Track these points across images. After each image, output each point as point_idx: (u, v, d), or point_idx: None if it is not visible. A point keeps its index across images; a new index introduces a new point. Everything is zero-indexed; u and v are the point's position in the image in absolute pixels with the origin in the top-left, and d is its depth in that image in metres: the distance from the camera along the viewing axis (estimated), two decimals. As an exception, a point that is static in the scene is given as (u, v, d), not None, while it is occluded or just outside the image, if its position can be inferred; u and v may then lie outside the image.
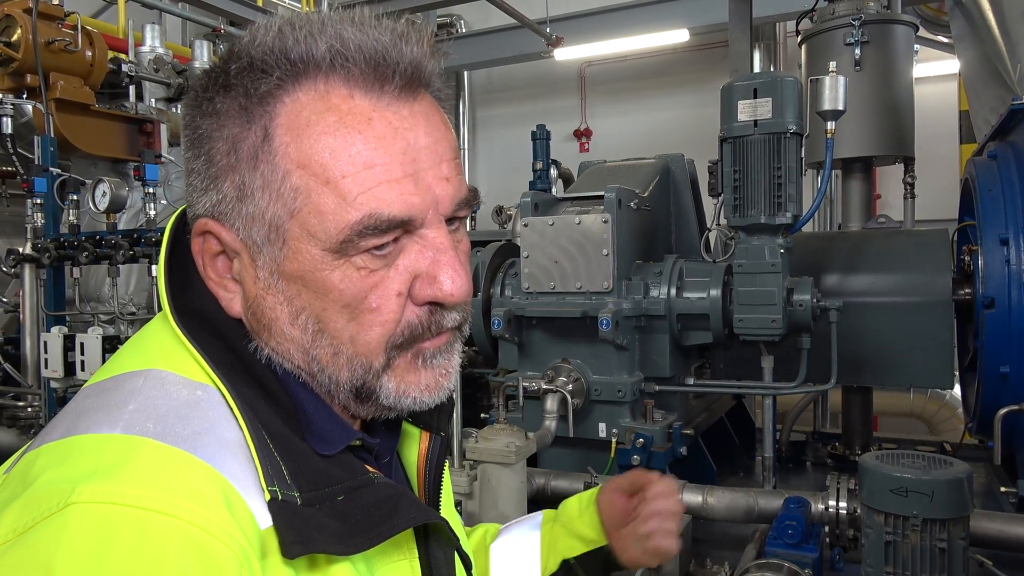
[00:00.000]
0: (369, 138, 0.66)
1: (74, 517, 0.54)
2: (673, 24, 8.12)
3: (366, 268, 0.67)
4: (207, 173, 0.70)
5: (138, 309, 4.33)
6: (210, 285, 0.73)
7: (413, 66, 0.68)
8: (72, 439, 0.62)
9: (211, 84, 0.69)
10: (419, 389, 0.73)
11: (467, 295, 0.71)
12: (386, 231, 0.66)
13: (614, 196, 3.28)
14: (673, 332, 3.38)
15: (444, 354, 0.74)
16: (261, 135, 0.67)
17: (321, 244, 0.66)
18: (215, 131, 0.68)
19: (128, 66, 4.60)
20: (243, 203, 0.68)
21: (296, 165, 0.66)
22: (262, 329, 0.71)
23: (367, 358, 0.70)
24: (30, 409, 4.08)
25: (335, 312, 0.68)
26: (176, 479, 0.58)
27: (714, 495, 2.89)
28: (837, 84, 3.04)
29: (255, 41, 0.67)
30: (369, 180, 0.65)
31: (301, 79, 0.66)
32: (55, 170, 4.00)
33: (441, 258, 0.69)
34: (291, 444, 0.67)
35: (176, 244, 0.76)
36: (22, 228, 4.21)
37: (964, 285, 3.41)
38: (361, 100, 0.67)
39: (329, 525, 0.63)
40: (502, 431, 2.75)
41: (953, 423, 6.87)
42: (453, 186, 0.71)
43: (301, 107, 0.66)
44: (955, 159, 6.23)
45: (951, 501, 2.14)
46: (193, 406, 0.65)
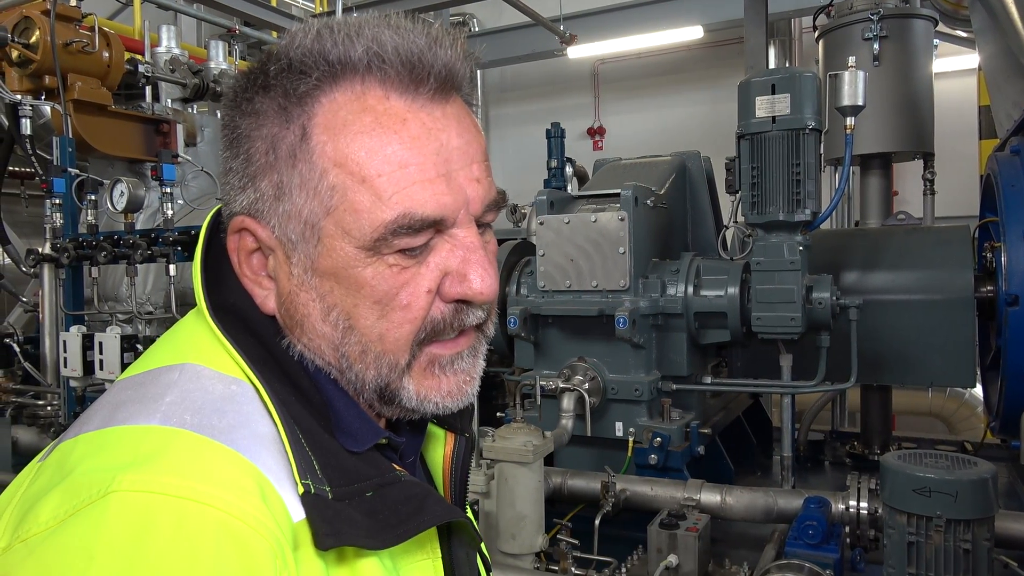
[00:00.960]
0: (404, 138, 0.67)
1: (114, 505, 0.56)
2: (687, 21, 8.08)
3: (398, 265, 0.69)
4: (245, 172, 0.71)
5: (155, 308, 4.35)
6: (245, 282, 0.74)
7: (447, 69, 0.69)
8: (110, 429, 0.63)
9: (250, 85, 0.71)
10: (440, 394, 0.74)
11: (495, 293, 0.72)
12: (419, 231, 0.68)
13: (631, 194, 3.26)
14: (690, 330, 3.36)
15: (467, 359, 0.75)
16: (299, 134, 0.68)
17: (355, 242, 0.68)
18: (254, 131, 0.70)
19: (144, 67, 4.62)
20: (280, 201, 0.70)
21: (333, 164, 0.67)
22: (295, 326, 0.73)
23: (394, 355, 0.71)
24: (49, 408, 4.11)
25: (366, 308, 0.69)
26: (213, 470, 0.60)
27: (733, 495, 2.87)
28: (856, 79, 3.01)
29: (294, 43, 0.69)
30: (403, 179, 0.67)
31: (339, 80, 0.68)
32: (73, 170, 4.03)
33: (471, 257, 0.71)
34: (321, 440, 0.68)
35: (211, 242, 0.78)
36: (41, 228, 4.25)
37: (986, 282, 3.36)
38: (396, 101, 0.68)
39: (359, 520, 0.64)
40: (519, 430, 2.74)
41: (972, 422, 6.79)
42: (484, 187, 0.72)
43: (338, 107, 0.68)
44: (974, 155, 6.15)
45: (976, 501, 2.11)
46: (228, 400, 0.66)
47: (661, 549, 2.60)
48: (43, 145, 4.35)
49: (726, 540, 3.07)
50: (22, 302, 5.01)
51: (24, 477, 0.67)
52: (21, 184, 6.62)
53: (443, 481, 0.88)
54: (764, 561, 2.64)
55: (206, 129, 5.07)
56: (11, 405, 4.22)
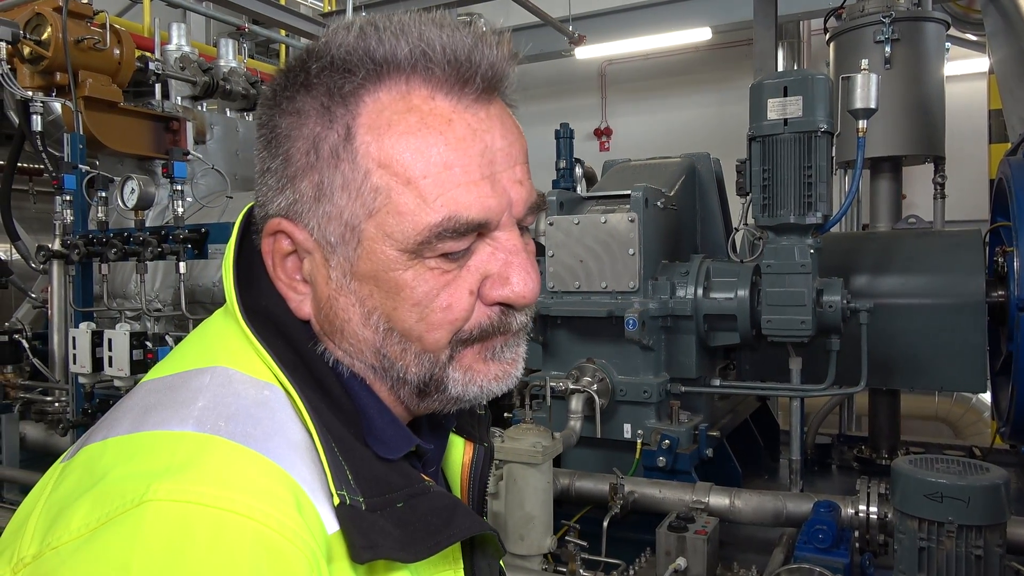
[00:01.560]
0: (449, 139, 0.66)
1: (150, 515, 0.54)
2: (696, 22, 8.07)
3: (439, 268, 0.68)
4: (284, 172, 0.69)
5: (164, 306, 4.36)
6: (279, 286, 0.73)
7: (493, 69, 0.69)
8: (142, 435, 0.62)
9: (291, 83, 0.69)
10: (487, 379, 0.73)
11: (536, 295, 0.71)
12: (464, 234, 0.67)
13: (641, 195, 3.25)
14: (700, 333, 3.35)
15: (512, 348, 0.74)
16: (343, 134, 0.66)
17: (397, 244, 0.66)
18: (294, 130, 0.68)
19: (155, 64, 4.62)
20: (320, 202, 0.68)
21: (377, 164, 0.66)
22: (334, 332, 0.71)
23: (434, 353, 0.70)
24: (57, 404, 4.11)
25: (406, 311, 0.68)
26: (250, 480, 0.58)
27: (741, 498, 2.86)
28: (869, 82, 3.00)
29: (336, 41, 0.67)
30: (449, 182, 0.66)
31: (383, 79, 0.67)
32: (84, 167, 4.04)
33: (513, 260, 0.70)
34: (353, 448, 0.66)
35: (243, 242, 0.76)
36: (49, 225, 4.25)
37: (997, 287, 3.35)
38: (442, 101, 0.67)
39: (392, 531, 0.63)
40: (528, 431, 2.74)
41: (979, 427, 6.77)
42: (526, 190, 0.71)
43: (383, 107, 0.66)
44: (983, 159, 6.12)
45: (988, 507, 2.10)
46: (262, 406, 0.65)
47: (670, 552, 2.59)
48: (53, 142, 4.36)
49: (734, 543, 3.06)
50: (30, 298, 5.02)
51: (47, 479, 0.65)
52: (30, 180, 6.64)
53: (461, 490, 0.87)
54: (773, 565, 2.63)
55: (215, 127, 5.08)
56: (19, 401, 4.23)
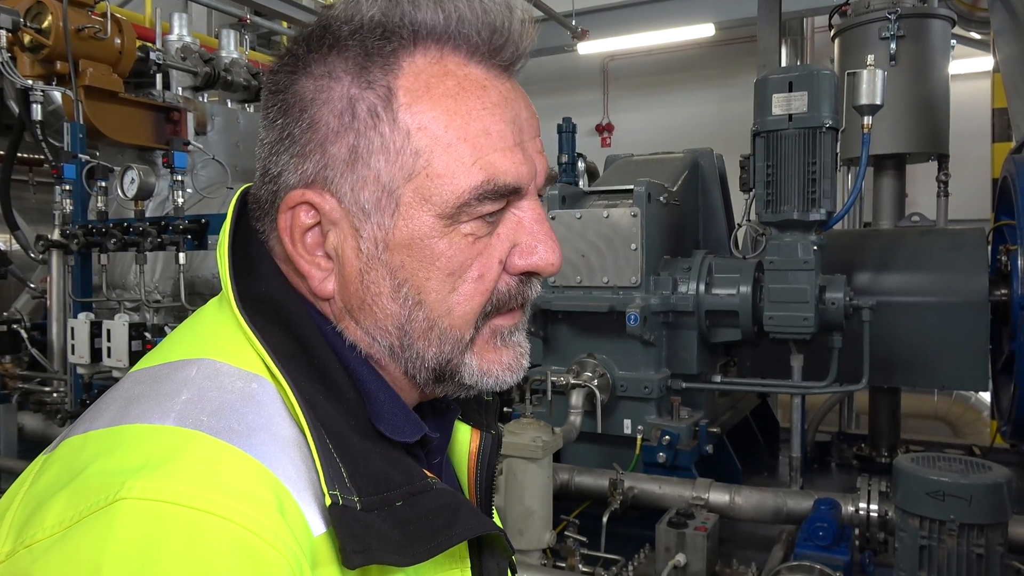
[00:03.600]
0: (487, 104, 0.66)
1: (123, 514, 0.52)
2: (699, 18, 8.05)
3: (473, 235, 0.67)
4: (311, 138, 0.67)
5: (163, 297, 4.34)
6: (300, 264, 0.69)
7: (521, 42, 0.69)
8: (122, 428, 0.59)
9: (316, 46, 0.67)
10: (501, 368, 0.72)
11: (560, 264, 0.72)
12: (501, 197, 0.67)
13: (644, 190, 3.24)
14: (701, 329, 3.34)
15: (518, 333, 0.73)
16: (383, 94, 0.65)
17: (435, 209, 0.66)
18: (323, 93, 0.66)
19: (156, 54, 4.58)
20: (355, 166, 0.66)
21: (417, 127, 0.65)
22: (360, 308, 0.69)
23: (460, 330, 0.69)
24: (56, 395, 4.10)
25: (439, 282, 0.67)
26: (229, 478, 0.56)
27: (742, 495, 2.86)
28: (875, 78, 2.98)
29: (365, 5, 0.66)
30: (487, 146, 0.66)
31: (419, 44, 0.66)
32: (84, 157, 4.02)
33: (538, 228, 0.70)
34: (351, 444, 0.63)
35: (238, 227, 0.73)
36: (48, 215, 4.23)
37: (1000, 285, 3.34)
38: (475, 68, 0.67)
39: (388, 533, 0.60)
40: (528, 425, 2.73)
41: (978, 426, 6.76)
42: (545, 160, 0.72)
43: (420, 70, 0.66)
44: (986, 158, 6.10)
45: (990, 506, 2.10)
46: (248, 400, 0.62)
47: (669, 548, 2.59)
48: (53, 132, 4.33)
49: (733, 540, 3.05)
50: (30, 288, 5.00)
51: (29, 472, 0.63)
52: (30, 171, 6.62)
53: (468, 480, 0.84)
54: (773, 562, 2.62)
55: (216, 118, 5.05)
56: (17, 391, 4.21)
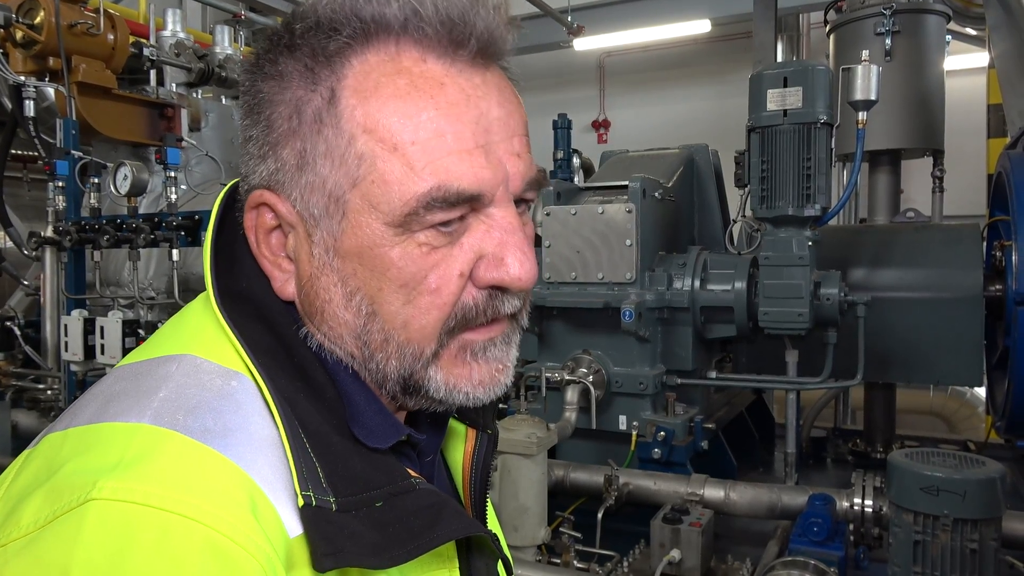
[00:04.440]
0: (441, 104, 0.62)
1: (93, 515, 0.52)
2: (695, 14, 8.04)
3: (428, 245, 0.63)
4: (266, 139, 0.65)
5: (157, 294, 4.33)
6: (263, 264, 0.69)
7: (489, 32, 0.64)
8: (99, 426, 0.59)
9: (274, 46, 0.65)
10: (471, 384, 0.67)
11: (533, 280, 0.66)
12: (454, 205, 0.62)
13: (639, 186, 3.23)
14: (696, 325, 3.34)
15: (500, 346, 0.69)
16: (327, 96, 0.63)
17: (383, 217, 0.62)
18: (277, 94, 0.65)
19: (149, 50, 4.57)
20: (303, 171, 0.64)
21: (362, 130, 0.62)
22: (314, 313, 0.67)
23: (419, 344, 0.65)
24: (50, 392, 4.09)
25: (391, 293, 0.64)
26: (201, 480, 0.55)
27: (736, 490, 2.86)
28: (870, 73, 2.97)
29: (323, 1, 0.63)
30: (439, 149, 0.61)
31: (371, 39, 0.62)
32: (77, 153, 4.00)
33: (509, 239, 0.65)
34: (329, 443, 0.62)
35: (224, 221, 0.72)
36: (43, 212, 4.22)
37: (995, 281, 3.34)
38: (434, 64, 0.63)
39: (365, 535, 0.58)
40: (523, 422, 2.73)
41: (973, 422, 6.78)
42: (524, 163, 0.66)
43: (370, 69, 0.62)
44: (981, 154, 6.10)
45: (984, 501, 2.10)
46: (226, 398, 0.61)
47: (664, 544, 2.59)
48: (46, 129, 4.31)
49: (728, 536, 3.05)
50: (23, 285, 4.98)
51: (13, 467, 0.63)
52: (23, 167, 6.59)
53: (463, 480, 0.82)
54: (767, 557, 2.62)
55: (210, 114, 5.03)
56: (11, 388, 4.20)
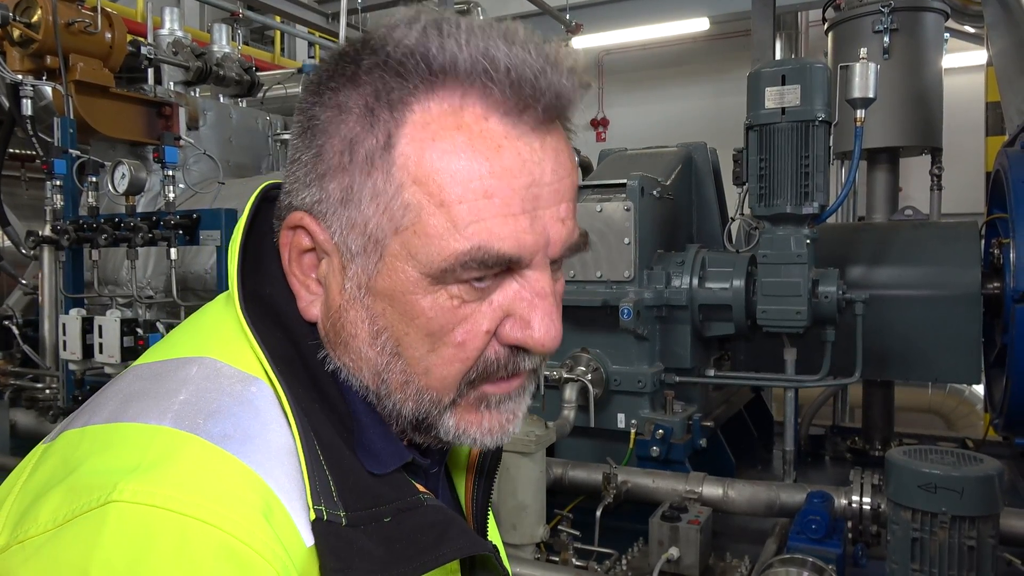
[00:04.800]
0: (496, 167, 0.61)
1: (113, 517, 0.53)
2: (694, 12, 8.03)
3: (459, 299, 0.63)
4: (314, 168, 0.65)
5: (155, 292, 4.32)
6: (292, 282, 0.69)
7: (559, 98, 0.63)
8: (119, 425, 0.60)
9: (338, 74, 0.64)
10: (481, 431, 0.68)
11: (556, 345, 0.66)
12: (491, 267, 0.62)
13: (637, 184, 3.23)
14: (695, 323, 3.34)
15: (515, 399, 0.69)
16: (383, 140, 0.62)
17: (420, 267, 0.62)
18: (331, 125, 0.64)
19: (147, 49, 4.56)
20: (346, 208, 0.64)
21: (412, 180, 0.61)
22: (339, 342, 0.68)
23: (438, 392, 0.66)
24: (48, 391, 4.09)
25: (417, 339, 0.64)
26: (220, 485, 0.56)
27: (735, 488, 2.86)
28: (868, 71, 2.98)
29: (395, 37, 0.62)
30: (485, 211, 0.61)
31: (436, 89, 0.61)
32: (75, 152, 3.99)
33: (539, 303, 0.65)
34: (342, 456, 0.63)
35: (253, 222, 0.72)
36: (40, 211, 4.21)
37: (993, 279, 3.34)
38: (495, 124, 0.61)
39: (373, 551, 0.60)
40: (522, 420, 2.72)
41: (972, 419, 6.79)
42: (567, 229, 0.66)
43: (431, 119, 0.61)
44: (980, 152, 6.12)
45: (981, 498, 2.10)
46: (246, 404, 0.62)
47: (662, 541, 2.59)
48: (44, 128, 4.30)
49: (726, 533, 3.06)
50: (21, 284, 4.97)
51: (28, 461, 0.64)
52: (21, 167, 6.58)
53: (466, 491, 0.83)
54: (766, 555, 2.63)
55: (208, 113, 5.03)
56: (9, 388, 4.20)
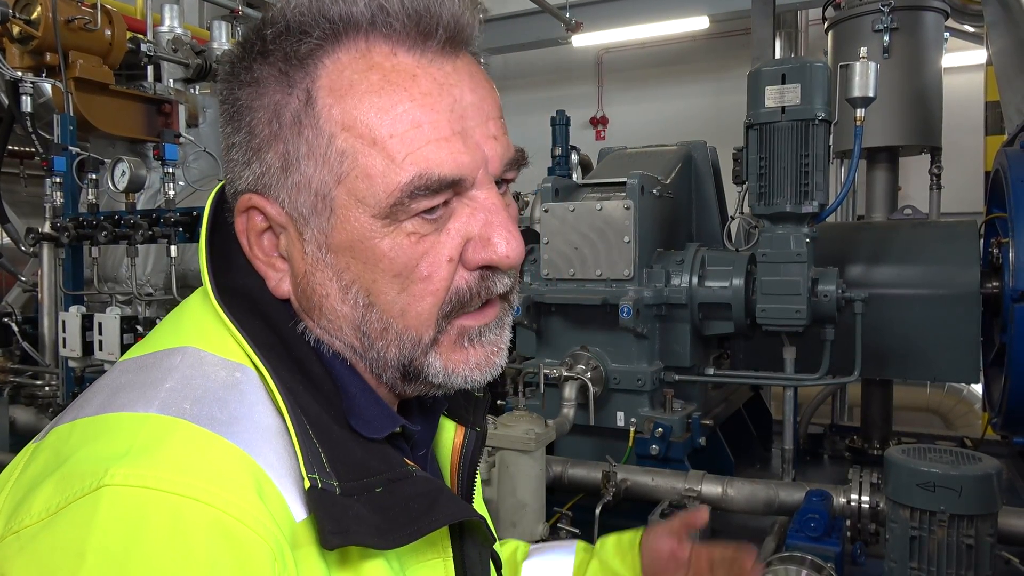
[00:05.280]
0: (415, 95, 0.63)
1: (106, 500, 0.53)
2: (693, 11, 8.05)
3: (416, 234, 0.65)
4: (249, 145, 0.67)
5: (155, 290, 4.33)
6: (257, 265, 0.70)
7: (455, 21, 0.65)
8: (107, 416, 0.61)
9: (247, 53, 0.67)
10: (468, 367, 0.70)
11: (521, 257, 0.68)
12: (437, 191, 0.64)
13: (637, 182, 3.23)
14: (694, 321, 3.34)
15: (494, 331, 0.72)
16: (304, 99, 0.64)
17: (370, 210, 0.64)
18: (255, 100, 0.66)
19: (147, 46, 4.56)
20: (288, 173, 0.66)
21: (341, 128, 0.63)
22: (312, 308, 0.69)
23: (417, 331, 0.67)
24: (48, 388, 4.09)
25: (385, 283, 0.66)
26: (210, 465, 0.57)
27: (734, 486, 2.86)
28: (868, 70, 2.97)
29: (291, 4, 0.65)
30: (417, 139, 0.63)
31: (341, 38, 0.64)
32: (74, 149, 3.99)
33: (493, 219, 0.67)
34: (330, 431, 0.64)
35: (216, 221, 0.74)
36: (39, 208, 4.21)
37: (992, 278, 3.35)
38: (404, 57, 0.64)
39: (368, 517, 0.61)
40: (521, 418, 2.73)
41: (970, 418, 6.81)
42: (502, 145, 0.69)
43: (343, 67, 0.64)
44: (979, 151, 6.12)
45: (980, 497, 2.11)
46: (231, 388, 0.63)
47: (662, 539, 2.59)
48: (43, 125, 4.30)
49: (725, 531, 3.06)
50: (21, 281, 4.98)
51: (20, 459, 0.64)
52: (21, 164, 6.59)
53: (451, 475, 0.85)
54: (764, 553, 2.63)
55: (208, 110, 5.03)
56: (8, 385, 4.20)
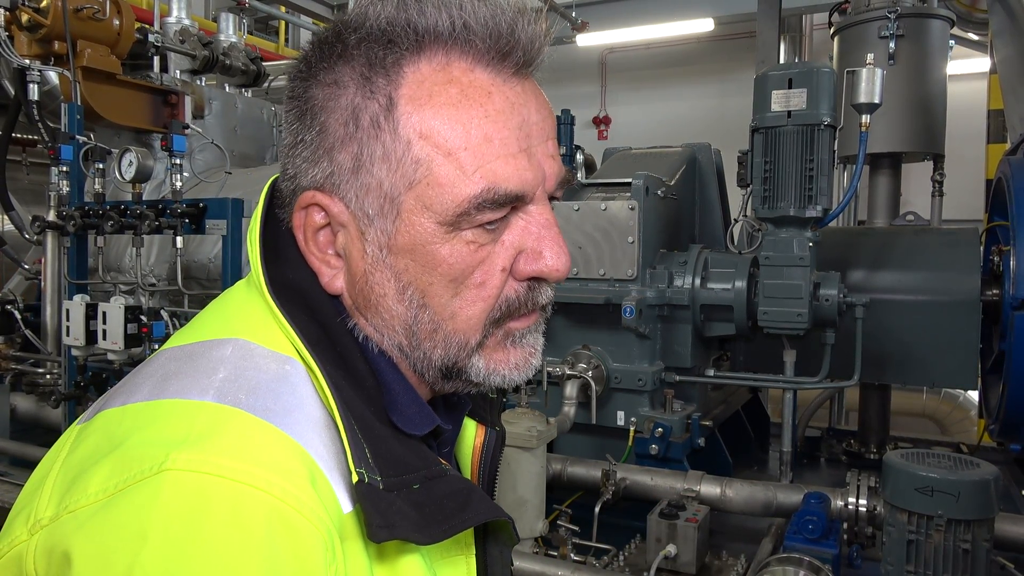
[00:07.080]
0: (489, 111, 0.67)
1: (169, 484, 0.55)
2: (699, 13, 8.06)
3: (475, 243, 0.68)
4: (320, 144, 0.69)
5: (159, 280, 4.33)
6: (311, 260, 0.73)
7: (531, 45, 0.69)
8: (161, 402, 0.62)
9: (326, 54, 0.69)
10: (508, 367, 0.74)
11: (568, 270, 0.73)
12: (502, 205, 0.68)
13: (642, 183, 3.25)
14: (696, 323, 3.36)
15: (532, 333, 0.75)
16: (385, 104, 0.67)
17: (436, 216, 0.67)
18: (330, 101, 0.69)
19: (154, 36, 4.57)
20: (358, 174, 0.68)
21: (418, 136, 0.66)
22: (368, 306, 0.72)
23: (465, 335, 0.71)
24: (49, 376, 4.10)
25: (441, 287, 0.69)
26: (267, 454, 0.59)
27: (732, 487, 2.88)
28: (874, 77, 2.99)
29: (374, 12, 0.68)
30: (488, 154, 0.67)
31: (424, 49, 0.67)
32: (81, 138, 4.00)
33: (546, 234, 0.71)
34: (373, 427, 0.66)
35: (268, 214, 0.76)
36: (42, 196, 4.22)
37: (992, 285, 3.37)
38: (481, 74, 0.68)
39: (408, 513, 0.63)
40: (523, 415, 2.75)
41: (965, 425, 6.84)
42: (558, 164, 0.73)
43: (423, 77, 0.67)
44: (980, 159, 6.14)
45: (977, 502, 2.12)
46: (282, 380, 0.65)
47: (660, 539, 2.61)
48: (48, 113, 4.31)
49: (723, 532, 3.08)
50: (24, 269, 4.97)
51: (64, 440, 0.66)
52: (23, 151, 6.57)
53: (471, 473, 0.87)
54: (762, 554, 2.65)
55: (214, 102, 5.03)
56: (10, 372, 4.21)
